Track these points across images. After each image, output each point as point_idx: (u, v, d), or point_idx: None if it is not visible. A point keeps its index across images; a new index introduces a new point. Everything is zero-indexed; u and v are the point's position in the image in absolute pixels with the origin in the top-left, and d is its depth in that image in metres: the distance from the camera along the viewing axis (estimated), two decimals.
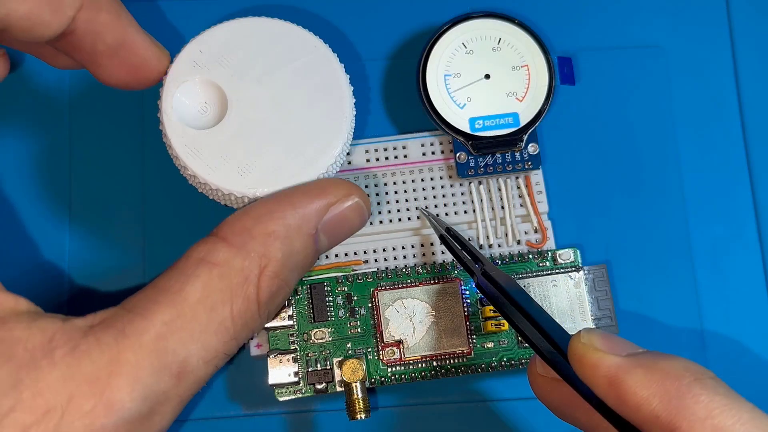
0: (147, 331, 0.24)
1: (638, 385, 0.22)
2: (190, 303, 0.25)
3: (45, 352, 0.23)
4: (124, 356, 0.23)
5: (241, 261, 0.26)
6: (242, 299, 0.26)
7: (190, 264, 0.26)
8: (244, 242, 0.26)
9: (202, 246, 0.26)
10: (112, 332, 0.23)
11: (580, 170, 0.36)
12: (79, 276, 0.35)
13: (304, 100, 0.30)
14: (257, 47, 0.30)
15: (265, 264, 0.26)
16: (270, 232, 0.26)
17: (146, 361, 0.23)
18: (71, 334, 0.23)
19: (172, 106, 0.30)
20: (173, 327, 0.24)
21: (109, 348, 0.23)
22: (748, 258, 0.36)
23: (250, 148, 0.29)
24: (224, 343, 0.25)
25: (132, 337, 0.23)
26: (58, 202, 0.36)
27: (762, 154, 0.37)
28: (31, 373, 0.22)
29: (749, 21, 0.38)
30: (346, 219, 0.29)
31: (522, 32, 0.35)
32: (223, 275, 0.25)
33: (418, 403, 0.35)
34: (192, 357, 0.24)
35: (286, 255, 0.27)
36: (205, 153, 0.29)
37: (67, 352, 0.23)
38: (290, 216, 0.27)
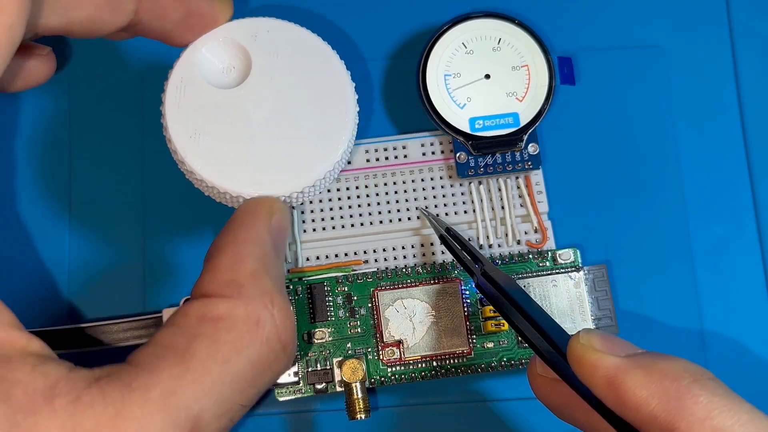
0: (155, 385, 0.22)
1: (637, 385, 0.22)
2: (200, 359, 0.23)
3: (46, 398, 0.21)
4: (130, 411, 0.21)
5: (244, 308, 0.24)
6: (261, 343, 0.24)
7: (191, 323, 0.24)
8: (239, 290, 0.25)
9: (195, 305, 0.24)
10: (117, 386, 0.22)
11: (580, 170, 0.36)
12: (79, 276, 0.35)
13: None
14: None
15: (270, 302, 0.25)
16: (252, 271, 0.25)
17: (155, 417, 0.22)
18: (76, 384, 0.22)
19: (196, 64, 0.30)
20: (183, 382, 0.22)
21: (114, 402, 0.21)
22: (748, 258, 0.36)
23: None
24: (240, 394, 0.24)
25: (139, 392, 0.22)
26: (58, 202, 0.36)
27: (762, 154, 0.37)
28: (29, 418, 0.21)
29: (749, 21, 0.38)
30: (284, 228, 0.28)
31: (522, 32, 0.35)
32: (231, 327, 0.24)
33: (418, 403, 0.35)
34: (205, 412, 0.23)
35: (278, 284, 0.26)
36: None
37: (69, 401, 0.21)
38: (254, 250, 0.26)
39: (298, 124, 0.30)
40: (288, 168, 0.29)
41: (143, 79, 0.37)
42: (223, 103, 0.30)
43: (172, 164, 0.31)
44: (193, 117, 0.30)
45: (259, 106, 0.30)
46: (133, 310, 0.35)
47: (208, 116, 0.30)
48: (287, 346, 0.25)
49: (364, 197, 0.35)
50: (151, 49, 0.36)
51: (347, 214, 0.35)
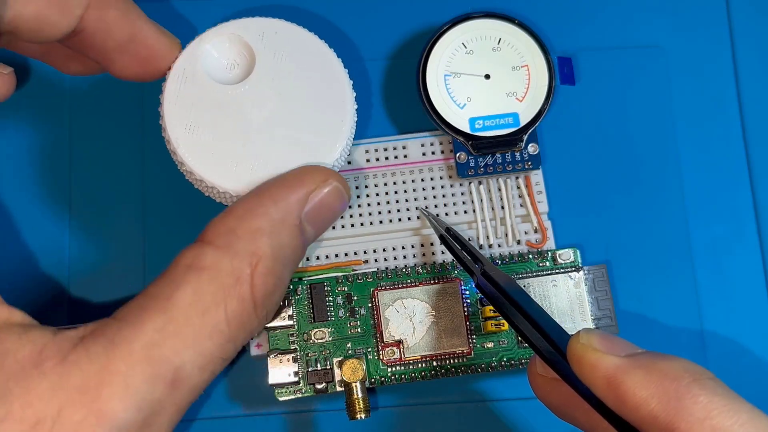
0: (137, 339, 0.23)
1: (637, 385, 0.22)
2: (181, 309, 0.24)
3: (35, 363, 0.22)
4: (114, 365, 0.23)
5: (229, 262, 0.25)
6: (236, 300, 0.25)
7: (179, 271, 0.25)
8: (231, 243, 0.25)
9: (188, 252, 0.25)
10: (101, 342, 0.23)
11: (580, 170, 0.36)
12: (79, 276, 0.35)
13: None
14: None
15: (255, 261, 0.25)
16: (255, 229, 0.26)
17: (138, 370, 0.23)
18: (61, 345, 0.23)
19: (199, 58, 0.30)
20: (165, 334, 0.23)
21: (99, 358, 0.23)
22: (748, 258, 0.36)
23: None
24: (220, 347, 0.24)
25: (122, 346, 0.23)
26: (58, 202, 0.36)
27: (762, 154, 0.37)
28: (21, 383, 0.22)
29: (749, 21, 0.38)
30: (326, 205, 0.28)
31: (522, 32, 0.35)
32: (213, 278, 0.25)
33: (418, 403, 0.35)
34: (186, 363, 0.24)
35: (276, 250, 0.26)
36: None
37: (56, 362, 0.22)
38: (273, 210, 0.27)
39: (296, 124, 0.30)
40: (285, 167, 0.29)
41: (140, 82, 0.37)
42: (222, 100, 0.30)
43: (172, 164, 0.31)
44: (191, 111, 0.30)
45: (258, 105, 0.30)
46: None
47: (207, 112, 0.30)
48: (258, 306, 0.25)
49: (364, 197, 0.35)
50: None
51: (347, 214, 0.35)
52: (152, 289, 0.25)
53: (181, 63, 0.30)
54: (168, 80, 0.30)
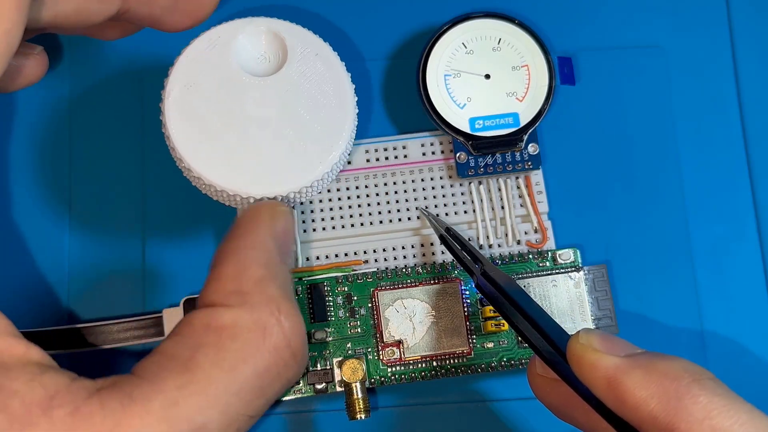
0: (156, 396, 0.21)
1: (637, 385, 0.22)
2: (204, 368, 0.22)
3: (43, 409, 0.21)
4: (129, 422, 0.21)
5: (249, 316, 0.24)
6: (268, 353, 0.23)
7: (195, 332, 0.23)
8: (243, 299, 0.24)
9: (200, 314, 0.24)
10: (118, 396, 0.21)
11: (580, 170, 0.36)
12: (79, 276, 0.35)
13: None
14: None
15: (276, 308, 0.24)
16: (257, 279, 0.25)
17: (155, 429, 0.21)
18: (75, 395, 0.21)
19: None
20: (186, 392, 0.22)
21: (114, 413, 0.21)
22: (748, 258, 0.36)
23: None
24: (247, 404, 0.23)
25: (139, 403, 0.21)
26: (58, 202, 0.36)
27: (762, 154, 0.37)
28: (26, 429, 0.20)
29: (749, 21, 0.38)
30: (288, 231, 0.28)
31: (522, 32, 0.35)
32: (236, 336, 0.23)
33: (418, 403, 0.35)
34: (211, 423, 0.22)
35: (285, 290, 0.25)
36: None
37: (67, 413, 0.21)
38: (259, 256, 0.25)
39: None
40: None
41: (143, 79, 0.37)
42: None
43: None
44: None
45: (259, 106, 0.30)
46: (133, 310, 0.35)
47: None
48: (297, 353, 0.24)
49: (364, 197, 0.35)
50: (151, 49, 0.36)
51: (347, 214, 0.35)
52: (169, 349, 0.23)
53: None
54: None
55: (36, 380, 0.21)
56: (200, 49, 0.30)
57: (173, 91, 0.30)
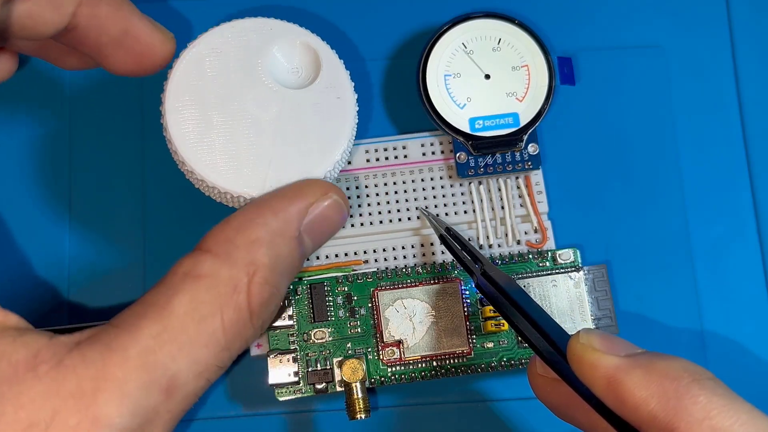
0: (133, 345, 0.23)
1: (637, 385, 0.22)
2: (178, 316, 0.24)
3: (29, 366, 0.22)
4: (110, 371, 0.22)
5: (227, 270, 0.25)
6: (233, 309, 0.25)
7: (177, 278, 0.25)
8: (229, 252, 0.25)
9: (187, 260, 0.25)
10: (98, 347, 0.23)
11: (580, 170, 0.36)
12: (79, 276, 0.35)
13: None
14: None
15: (253, 271, 0.25)
16: (254, 239, 0.26)
17: (134, 376, 0.23)
18: (57, 350, 0.23)
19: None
20: (161, 340, 0.23)
21: (95, 363, 0.22)
22: (748, 258, 0.36)
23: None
24: (215, 355, 0.24)
25: (118, 352, 0.23)
26: (58, 202, 0.36)
27: (762, 154, 0.37)
28: (14, 387, 0.22)
29: (749, 21, 0.38)
30: (326, 218, 0.28)
31: (522, 32, 0.35)
32: (211, 286, 0.25)
33: (418, 403, 0.35)
34: (182, 371, 0.23)
35: (273, 260, 0.26)
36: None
37: (51, 367, 0.22)
38: (272, 221, 0.27)
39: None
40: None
41: (143, 79, 0.36)
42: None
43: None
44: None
45: (260, 107, 0.30)
46: None
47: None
48: (254, 315, 0.25)
49: (364, 197, 0.35)
50: None
51: None
52: (149, 297, 0.25)
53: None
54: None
55: (18, 341, 0.23)
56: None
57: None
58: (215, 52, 0.30)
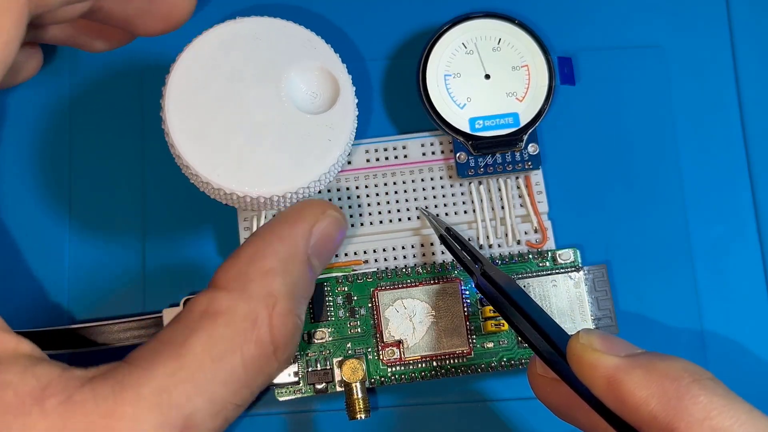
0: (148, 383, 0.22)
1: (637, 385, 0.22)
2: (195, 354, 0.23)
3: (36, 399, 0.21)
4: (121, 410, 0.21)
5: (245, 305, 0.24)
6: (253, 344, 0.24)
7: (193, 317, 0.24)
8: (244, 286, 0.24)
9: (202, 298, 0.24)
10: (110, 384, 0.22)
11: (580, 170, 0.36)
12: (79, 276, 0.35)
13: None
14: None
15: (273, 303, 0.24)
16: (267, 270, 0.25)
17: (147, 416, 0.21)
18: (68, 384, 0.21)
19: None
20: (176, 379, 0.22)
21: (106, 401, 0.21)
22: (748, 258, 0.36)
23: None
24: (234, 393, 0.23)
25: (131, 390, 0.22)
26: (58, 202, 0.36)
27: (762, 154, 0.37)
28: (19, 419, 0.21)
29: (749, 21, 0.38)
30: (329, 237, 0.27)
31: (522, 32, 0.35)
32: (229, 323, 0.23)
33: (418, 403, 0.35)
34: (198, 411, 0.22)
35: (291, 288, 0.25)
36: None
37: (60, 402, 0.21)
38: (281, 249, 0.26)
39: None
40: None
41: (143, 79, 0.37)
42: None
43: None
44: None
45: (259, 105, 0.30)
46: (133, 310, 0.35)
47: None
48: (279, 349, 0.24)
49: (364, 197, 0.35)
50: (151, 48, 0.36)
51: (347, 214, 0.35)
52: (165, 335, 0.24)
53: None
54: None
55: (28, 372, 0.22)
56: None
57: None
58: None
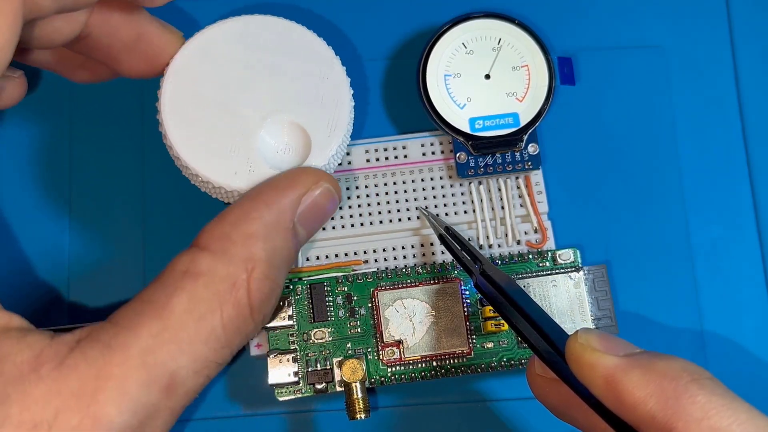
0: (133, 344, 0.23)
1: (635, 385, 0.22)
2: (177, 314, 0.24)
3: (32, 367, 0.23)
4: (110, 370, 0.23)
5: (225, 267, 0.25)
6: (232, 305, 0.25)
7: (175, 277, 0.25)
8: (226, 248, 0.26)
9: (183, 257, 0.26)
10: (98, 346, 0.23)
11: (580, 170, 0.36)
12: (79, 276, 0.35)
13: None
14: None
15: (251, 266, 0.26)
16: (250, 233, 0.26)
17: (134, 375, 0.23)
18: (58, 350, 0.23)
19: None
20: (160, 339, 0.24)
21: (95, 362, 0.23)
22: (748, 258, 0.36)
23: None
24: (215, 352, 0.25)
25: (118, 351, 0.23)
26: (58, 202, 0.36)
27: (762, 154, 0.37)
28: (19, 387, 0.22)
29: (749, 21, 0.38)
30: (318, 206, 0.28)
31: (522, 32, 0.35)
32: (209, 284, 0.25)
33: (418, 403, 0.35)
34: (181, 369, 0.24)
35: (270, 254, 0.26)
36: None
37: (53, 367, 0.23)
38: (266, 214, 0.27)
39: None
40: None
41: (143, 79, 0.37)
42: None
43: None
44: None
45: (255, 104, 0.30)
46: None
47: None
48: (255, 311, 0.26)
49: (364, 197, 0.35)
50: None
51: (347, 214, 0.35)
52: (148, 295, 0.25)
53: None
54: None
55: (22, 342, 0.23)
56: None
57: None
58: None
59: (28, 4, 0.25)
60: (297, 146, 0.31)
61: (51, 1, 0.25)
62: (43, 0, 0.25)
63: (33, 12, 0.25)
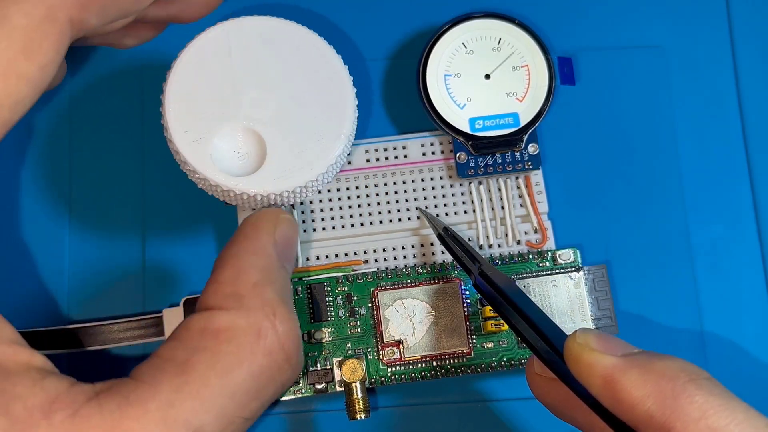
0: (153, 398, 0.22)
1: (633, 385, 0.22)
2: (200, 371, 0.23)
3: (44, 413, 0.21)
4: (127, 425, 0.21)
5: (245, 319, 0.24)
6: (262, 354, 0.24)
7: (192, 336, 0.24)
8: (239, 302, 0.25)
9: (198, 318, 0.24)
10: (116, 399, 0.22)
11: (580, 170, 0.36)
12: (79, 276, 0.35)
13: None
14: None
15: (271, 311, 0.25)
16: (254, 283, 0.25)
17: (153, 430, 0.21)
18: (75, 398, 0.22)
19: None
20: (182, 394, 0.22)
21: (111, 415, 0.21)
22: (748, 258, 0.36)
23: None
24: (242, 407, 0.23)
25: (136, 405, 0.22)
26: (58, 202, 0.36)
27: (762, 154, 0.37)
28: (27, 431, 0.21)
29: (749, 21, 0.38)
30: (288, 238, 0.28)
31: (522, 32, 0.35)
32: (232, 338, 0.24)
33: (418, 403, 0.35)
34: (206, 426, 0.22)
35: (281, 295, 0.25)
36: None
37: (67, 416, 0.21)
38: (257, 261, 0.26)
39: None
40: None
41: (143, 78, 0.37)
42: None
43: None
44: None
45: (258, 105, 0.30)
46: (133, 310, 0.35)
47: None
48: (291, 356, 0.25)
49: (364, 197, 0.35)
50: (151, 48, 0.36)
51: (347, 214, 0.35)
52: (167, 353, 0.24)
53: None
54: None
55: (38, 385, 0.22)
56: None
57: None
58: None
59: (76, 24, 0.25)
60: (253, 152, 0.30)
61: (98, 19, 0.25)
62: (90, 18, 0.25)
63: (81, 31, 0.25)
